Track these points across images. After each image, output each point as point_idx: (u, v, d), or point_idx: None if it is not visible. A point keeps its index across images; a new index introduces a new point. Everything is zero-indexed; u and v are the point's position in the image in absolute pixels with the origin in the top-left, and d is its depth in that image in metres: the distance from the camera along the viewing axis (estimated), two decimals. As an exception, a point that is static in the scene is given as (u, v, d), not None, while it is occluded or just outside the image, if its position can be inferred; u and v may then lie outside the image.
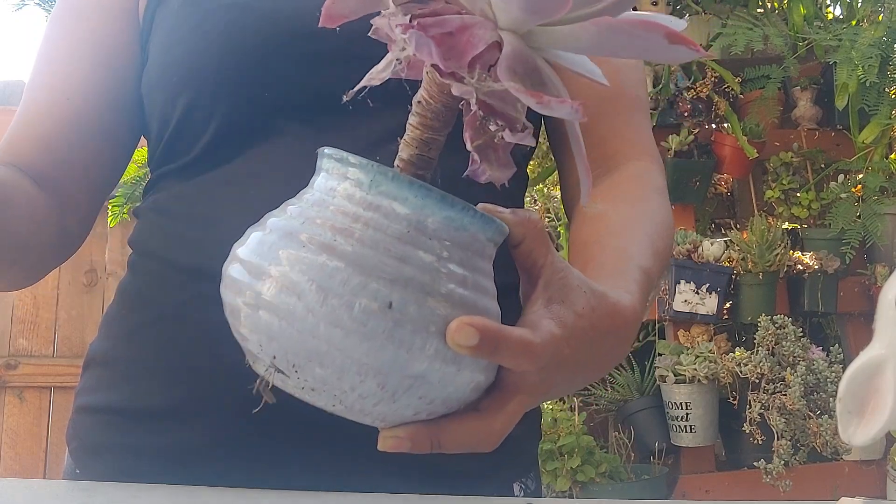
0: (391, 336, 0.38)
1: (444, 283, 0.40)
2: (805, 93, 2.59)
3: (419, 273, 0.40)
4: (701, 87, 2.47)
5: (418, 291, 0.39)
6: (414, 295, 0.39)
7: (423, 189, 0.41)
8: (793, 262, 2.39)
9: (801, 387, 2.08)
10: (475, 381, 0.42)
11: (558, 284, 0.46)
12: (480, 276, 0.43)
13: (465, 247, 0.42)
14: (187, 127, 0.71)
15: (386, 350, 0.38)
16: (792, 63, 2.32)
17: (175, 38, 0.72)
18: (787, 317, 2.25)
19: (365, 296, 0.38)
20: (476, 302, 0.41)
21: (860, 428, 0.44)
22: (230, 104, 0.69)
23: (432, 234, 0.41)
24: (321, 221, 0.41)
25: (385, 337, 0.38)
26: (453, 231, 0.41)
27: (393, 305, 0.38)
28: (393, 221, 0.40)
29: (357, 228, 0.40)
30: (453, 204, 0.41)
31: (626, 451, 2.43)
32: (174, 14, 0.73)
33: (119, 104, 0.75)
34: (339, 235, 0.40)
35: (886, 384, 0.42)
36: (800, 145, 2.56)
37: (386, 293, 0.38)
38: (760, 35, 2.26)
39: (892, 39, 2.22)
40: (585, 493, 2.18)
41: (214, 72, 0.69)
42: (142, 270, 0.74)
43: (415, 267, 0.40)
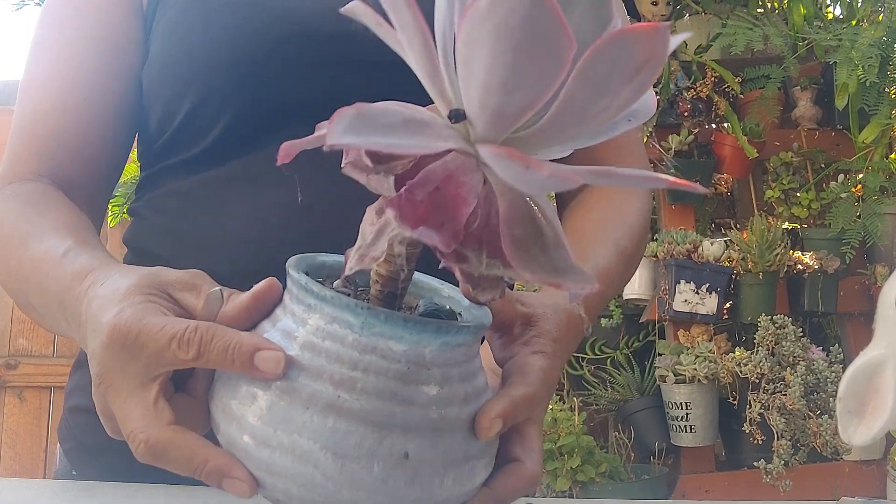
0: (412, 483, 0.39)
1: (452, 409, 0.40)
2: (805, 93, 2.59)
3: (427, 411, 0.40)
4: (701, 87, 2.47)
5: (430, 432, 0.39)
6: (427, 438, 0.39)
7: (419, 325, 0.40)
8: (793, 262, 2.39)
9: (801, 387, 2.08)
10: (483, 477, 0.43)
11: (531, 321, 0.51)
12: (476, 380, 0.43)
13: (462, 361, 0.42)
14: (193, 123, 0.70)
15: (409, 496, 0.39)
16: (792, 63, 2.32)
17: (182, 33, 0.71)
18: (787, 317, 2.25)
19: (381, 454, 0.38)
20: (478, 404, 0.42)
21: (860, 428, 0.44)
22: (240, 103, 0.69)
23: (431, 364, 0.40)
24: (317, 372, 0.39)
25: (407, 486, 0.39)
26: (450, 353, 0.41)
27: (409, 455, 0.39)
28: (392, 362, 0.39)
29: (358, 378, 0.39)
30: (448, 330, 0.41)
31: (626, 451, 2.43)
32: (180, 8, 0.72)
33: (128, 97, 0.74)
34: (342, 390, 0.39)
35: (886, 384, 0.42)
36: (800, 145, 2.56)
37: (401, 445, 0.39)
38: (760, 35, 2.25)
39: (892, 39, 2.22)
40: (585, 493, 2.18)
41: (226, 70, 0.68)
42: None
43: (421, 406, 0.40)
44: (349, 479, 0.38)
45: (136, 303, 0.44)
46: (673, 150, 2.41)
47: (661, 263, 2.33)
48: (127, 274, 0.48)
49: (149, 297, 0.45)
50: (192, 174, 0.71)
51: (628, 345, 2.56)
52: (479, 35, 0.32)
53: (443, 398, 0.40)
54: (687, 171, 2.43)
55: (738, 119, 2.46)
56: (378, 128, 0.34)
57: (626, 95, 0.34)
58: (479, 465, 0.42)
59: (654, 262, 2.38)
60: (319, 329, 0.41)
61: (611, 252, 0.69)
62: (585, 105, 0.34)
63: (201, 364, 0.41)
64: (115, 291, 0.46)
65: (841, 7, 2.62)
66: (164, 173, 0.74)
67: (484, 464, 0.43)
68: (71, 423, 0.73)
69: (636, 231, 0.75)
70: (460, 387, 0.41)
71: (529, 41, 0.31)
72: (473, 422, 0.42)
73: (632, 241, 0.73)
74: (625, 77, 0.33)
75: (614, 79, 0.33)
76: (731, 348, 2.32)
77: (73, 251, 0.55)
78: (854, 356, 0.45)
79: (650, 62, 0.33)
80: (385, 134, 0.34)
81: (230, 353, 0.40)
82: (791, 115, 2.64)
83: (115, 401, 0.44)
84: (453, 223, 0.36)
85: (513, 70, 0.32)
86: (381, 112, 0.34)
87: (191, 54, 0.70)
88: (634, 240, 0.74)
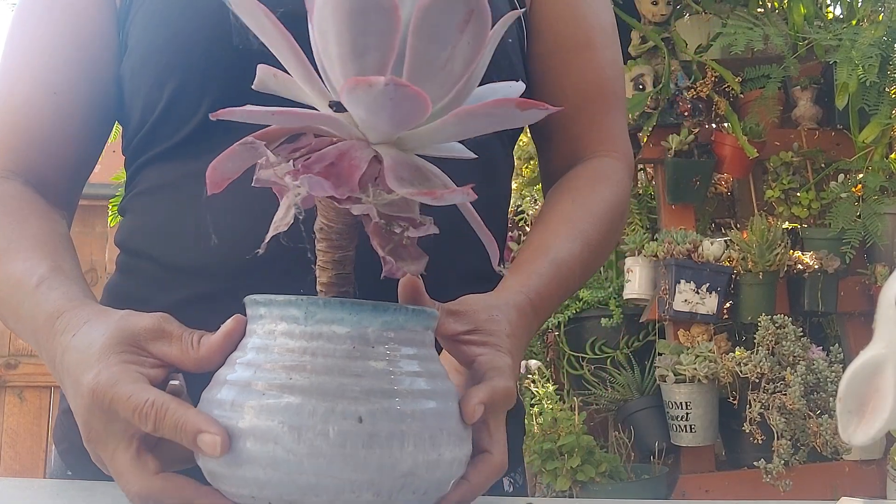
0: (370, 447, 0.41)
1: (402, 381, 0.43)
2: (805, 92, 2.59)
3: (377, 381, 0.43)
4: (701, 87, 2.47)
5: (382, 398, 0.42)
6: (379, 403, 0.42)
7: (356, 305, 0.44)
8: (793, 262, 2.39)
9: (801, 386, 2.08)
10: (458, 457, 0.45)
11: (480, 328, 0.55)
12: (430, 363, 0.46)
13: (408, 342, 0.45)
14: (174, 111, 0.70)
15: (370, 461, 0.41)
16: (792, 63, 2.32)
17: (159, 21, 0.71)
18: (787, 316, 2.25)
19: (335, 419, 0.41)
20: (435, 388, 0.45)
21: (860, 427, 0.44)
22: (219, 88, 0.68)
23: (375, 342, 0.44)
24: (271, 366, 0.43)
25: (366, 450, 0.41)
26: (393, 332, 0.44)
27: (363, 419, 0.41)
28: (337, 343, 0.43)
29: (307, 361, 0.43)
30: (385, 309, 0.44)
31: (626, 451, 2.43)
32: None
33: (98, 91, 0.74)
34: (293, 372, 0.42)
35: (886, 384, 0.42)
36: (800, 145, 2.56)
37: (353, 409, 0.41)
38: (760, 35, 2.25)
39: (892, 39, 2.22)
40: (585, 493, 2.18)
41: (204, 55, 0.68)
42: (131, 270, 0.73)
43: (371, 377, 0.43)
44: (308, 449, 0.41)
45: (112, 364, 0.48)
46: (673, 150, 2.41)
47: (661, 263, 2.33)
48: (98, 325, 0.51)
49: (122, 358, 0.48)
50: (178, 163, 0.70)
51: (628, 344, 2.56)
52: (324, 19, 0.39)
53: (392, 371, 0.43)
54: (687, 171, 2.43)
55: (738, 119, 2.46)
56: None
57: (464, 46, 0.40)
58: (446, 445, 0.44)
59: (654, 262, 2.38)
60: (270, 332, 0.45)
61: (575, 244, 0.70)
62: (430, 59, 0.40)
63: (158, 434, 0.46)
64: (90, 347, 0.49)
65: (841, 7, 2.62)
66: (149, 164, 0.73)
67: (452, 446, 0.45)
68: (65, 425, 0.72)
69: (604, 221, 0.75)
70: (411, 364, 0.44)
71: (361, 9, 0.38)
72: (437, 400, 0.45)
73: (600, 233, 0.74)
74: (456, 28, 0.39)
75: (447, 30, 0.39)
76: (731, 348, 2.32)
77: (47, 283, 0.58)
78: (854, 356, 0.45)
79: (475, 12, 0.39)
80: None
81: (178, 430, 0.44)
82: (791, 115, 2.63)
83: (104, 454, 0.49)
84: (349, 183, 0.41)
85: (358, 34, 0.39)
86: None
87: (169, 40, 0.69)
88: (603, 232, 0.74)
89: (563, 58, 0.81)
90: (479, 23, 0.39)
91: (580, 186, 0.78)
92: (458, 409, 0.46)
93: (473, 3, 0.38)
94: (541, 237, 0.72)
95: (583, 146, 0.81)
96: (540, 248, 0.70)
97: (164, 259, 0.69)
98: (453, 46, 0.40)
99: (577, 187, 0.78)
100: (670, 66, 2.42)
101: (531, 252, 0.70)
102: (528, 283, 0.64)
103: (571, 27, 0.82)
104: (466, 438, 0.47)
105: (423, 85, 0.39)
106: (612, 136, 0.82)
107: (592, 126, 0.81)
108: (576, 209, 0.74)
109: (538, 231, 0.73)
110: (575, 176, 0.79)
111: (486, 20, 0.40)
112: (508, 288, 0.64)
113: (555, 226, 0.73)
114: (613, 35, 0.85)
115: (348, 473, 0.41)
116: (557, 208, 0.76)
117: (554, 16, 0.81)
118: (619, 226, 0.80)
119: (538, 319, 0.65)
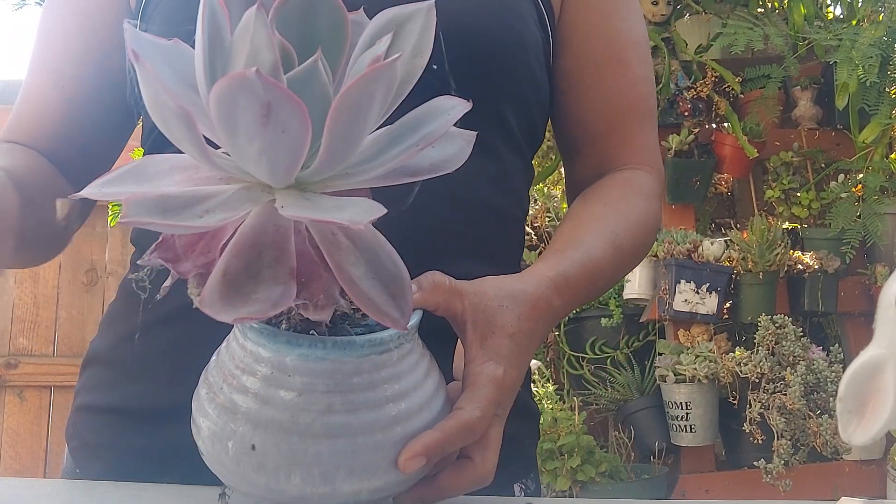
0: (259, 472, 0.44)
1: (306, 416, 0.44)
2: (805, 92, 2.59)
3: (279, 413, 0.44)
4: (701, 87, 2.47)
5: (277, 431, 0.44)
6: (272, 437, 0.44)
7: (274, 335, 0.45)
8: (793, 262, 2.39)
9: (801, 386, 2.08)
10: (367, 488, 0.45)
11: (482, 319, 0.53)
12: (356, 394, 0.45)
13: (329, 374, 0.44)
14: None
15: (258, 483, 0.44)
16: (792, 63, 2.32)
17: (180, 19, 0.70)
18: (787, 316, 2.25)
19: (235, 441, 0.44)
20: (346, 423, 0.44)
21: (860, 427, 0.44)
22: None
23: (292, 371, 0.44)
24: (217, 371, 0.47)
25: (255, 473, 0.44)
26: (312, 363, 0.44)
27: (256, 447, 0.44)
28: (260, 364, 0.45)
29: (237, 374, 0.45)
30: (301, 342, 0.44)
31: (626, 451, 2.43)
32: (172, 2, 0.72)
33: (107, 86, 0.76)
34: (225, 384, 0.46)
35: (886, 384, 0.42)
36: (800, 145, 2.56)
37: (250, 437, 0.44)
38: (761, 35, 2.25)
39: (892, 39, 2.22)
40: (585, 493, 2.18)
41: None
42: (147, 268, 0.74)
43: (275, 407, 0.44)
44: (217, 457, 0.45)
45: None
46: (673, 150, 2.41)
47: (662, 263, 2.33)
48: None
49: None
50: None
51: (628, 344, 2.56)
52: (231, 113, 0.37)
53: (299, 405, 0.44)
54: (687, 171, 2.43)
55: (739, 119, 2.46)
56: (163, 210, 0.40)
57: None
58: (338, 473, 0.44)
59: (654, 262, 2.37)
60: (230, 346, 0.48)
61: (606, 243, 0.69)
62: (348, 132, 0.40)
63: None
64: None
65: (841, 7, 2.62)
66: None
67: (350, 476, 0.44)
68: (77, 422, 0.73)
69: (638, 230, 0.74)
70: (324, 398, 0.44)
71: (272, 117, 0.37)
72: (344, 437, 0.44)
73: (630, 239, 0.72)
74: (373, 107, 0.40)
75: (368, 108, 0.40)
76: (731, 348, 2.32)
77: None
78: (854, 356, 0.45)
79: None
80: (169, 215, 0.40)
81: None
82: (791, 115, 2.63)
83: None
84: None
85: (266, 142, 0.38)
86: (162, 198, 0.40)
87: (188, 40, 0.69)
88: (634, 239, 0.73)
89: (595, 72, 0.80)
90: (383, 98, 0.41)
91: (612, 193, 0.77)
92: (385, 440, 0.45)
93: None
94: (572, 233, 0.70)
95: (615, 159, 0.81)
96: (571, 240, 0.68)
97: None
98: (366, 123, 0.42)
99: (609, 194, 0.77)
100: (670, 66, 2.42)
101: (562, 243, 0.68)
102: (556, 268, 0.62)
103: (605, 41, 0.81)
104: (386, 469, 0.46)
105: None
106: (644, 150, 0.82)
107: (625, 141, 0.81)
108: (608, 212, 0.73)
109: (568, 227, 0.71)
110: (607, 184, 0.78)
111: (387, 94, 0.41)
112: (534, 271, 0.62)
113: (587, 225, 0.71)
114: (646, 50, 0.85)
115: (243, 487, 0.45)
116: (589, 210, 0.74)
117: (586, 29, 0.80)
118: (650, 238, 0.78)
119: (564, 306, 0.62)
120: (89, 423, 0.71)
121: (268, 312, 0.41)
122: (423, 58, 0.45)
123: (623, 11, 0.83)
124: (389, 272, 0.45)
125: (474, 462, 0.50)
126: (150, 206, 0.39)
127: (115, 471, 0.66)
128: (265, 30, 0.39)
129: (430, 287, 0.51)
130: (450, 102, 0.45)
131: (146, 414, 0.67)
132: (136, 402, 0.68)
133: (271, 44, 0.39)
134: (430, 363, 0.50)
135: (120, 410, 0.69)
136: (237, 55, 0.40)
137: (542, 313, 0.58)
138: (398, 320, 0.44)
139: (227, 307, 0.40)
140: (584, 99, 0.81)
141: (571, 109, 0.82)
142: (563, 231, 0.71)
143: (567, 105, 0.81)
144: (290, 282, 0.42)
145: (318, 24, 0.44)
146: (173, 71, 0.43)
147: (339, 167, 0.42)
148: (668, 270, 2.31)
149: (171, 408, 0.66)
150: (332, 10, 0.44)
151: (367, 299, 0.43)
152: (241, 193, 0.42)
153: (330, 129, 0.39)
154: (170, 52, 0.44)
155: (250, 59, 0.39)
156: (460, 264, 0.63)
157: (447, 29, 0.51)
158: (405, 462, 0.45)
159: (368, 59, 0.42)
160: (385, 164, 0.43)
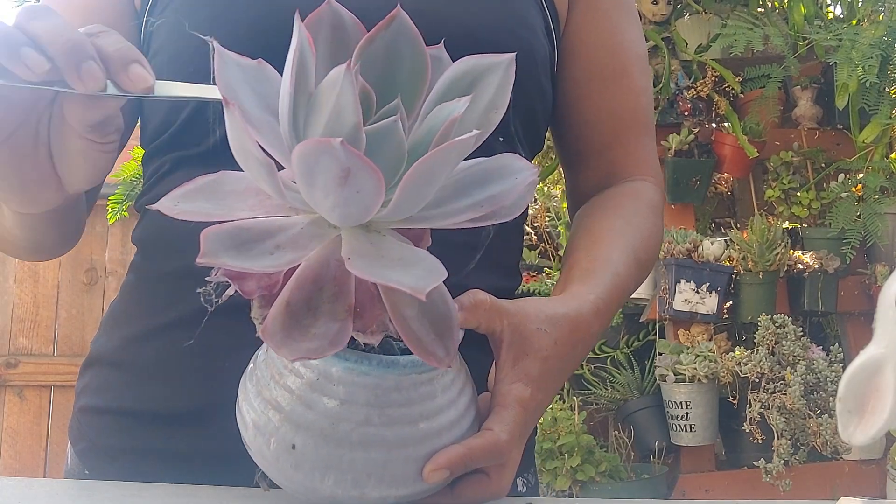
0: (296, 470, 0.46)
1: (344, 425, 0.46)
2: (805, 92, 2.59)
3: (320, 418, 0.46)
4: (701, 87, 2.47)
5: (317, 435, 0.45)
6: (313, 439, 0.45)
7: None
8: (793, 262, 2.39)
9: (801, 386, 2.08)
10: (392, 495, 0.47)
11: (518, 341, 0.54)
12: (393, 409, 0.47)
13: (371, 388, 0.46)
14: (203, 117, 0.69)
15: (294, 480, 0.46)
16: (792, 62, 2.32)
17: (188, 26, 0.71)
18: (787, 316, 2.25)
19: (277, 438, 0.46)
20: (383, 434, 0.46)
21: (860, 427, 0.44)
22: None
23: (337, 381, 0.46)
24: (266, 366, 0.48)
25: (293, 470, 0.46)
26: (356, 377, 0.46)
27: (296, 447, 0.45)
28: (306, 368, 0.47)
29: (283, 373, 0.47)
30: (348, 357, 0.46)
31: (625, 451, 2.43)
32: (184, 4, 0.71)
33: None
34: (272, 381, 0.47)
35: (886, 383, 0.42)
36: (800, 145, 2.56)
37: (291, 436, 0.46)
38: (761, 35, 2.25)
39: (892, 39, 2.22)
40: (585, 493, 2.18)
41: None
42: (151, 271, 0.73)
43: (317, 412, 0.46)
44: (259, 449, 0.47)
45: None
46: (673, 150, 2.41)
47: (662, 263, 2.33)
48: None
49: None
50: (209, 167, 0.71)
51: (628, 344, 2.57)
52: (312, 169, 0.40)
53: (340, 413, 0.46)
54: (687, 171, 2.43)
55: (739, 118, 2.46)
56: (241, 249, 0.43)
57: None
58: (369, 481, 0.46)
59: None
60: None
61: (629, 259, 0.71)
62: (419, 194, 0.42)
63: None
64: None
65: (841, 7, 2.62)
66: (176, 167, 0.73)
67: (380, 484, 0.46)
68: (82, 424, 0.72)
69: (651, 244, 0.77)
70: (363, 410, 0.46)
71: (351, 177, 0.39)
72: (375, 449, 0.46)
73: (646, 252, 0.75)
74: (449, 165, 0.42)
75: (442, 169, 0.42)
76: (731, 348, 2.32)
77: None
78: (854, 356, 0.45)
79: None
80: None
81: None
82: (791, 115, 2.64)
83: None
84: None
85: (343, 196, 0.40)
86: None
87: (199, 47, 0.69)
88: (649, 251, 0.76)
89: (600, 85, 0.82)
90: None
91: (627, 206, 0.79)
92: (415, 453, 0.47)
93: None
94: (595, 248, 0.71)
95: (618, 170, 0.83)
96: (598, 257, 0.69)
97: (189, 262, 0.69)
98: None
99: (624, 206, 0.79)
100: (670, 65, 2.42)
101: (589, 261, 0.69)
102: (594, 290, 0.63)
103: (609, 55, 0.83)
104: (414, 480, 0.47)
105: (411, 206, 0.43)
106: (646, 160, 0.85)
107: (628, 152, 0.83)
108: (626, 227, 0.75)
109: (588, 241, 0.73)
110: (618, 196, 0.80)
111: None
112: (575, 295, 0.63)
113: (609, 239, 0.73)
114: (647, 63, 0.88)
115: (280, 481, 0.48)
116: (608, 223, 0.76)
117: (592, 42, 0.83)
118: (658, 251, 0.81)
119: (601, 328, 0.64)
120: (98, 425, 0.71)
121: (326, 351, 0.43)
122: (497, 113, 0.46)
123: (626, 24, 0.85)
124: (439, 312, 0.47)
125: (491, 478, 0.51)
126: (226, 239, 0.42)
127: (131, 474, 0.65)
128: (351, 90, 0.40)
129: (470, 306, 0.52)
130: (518, 164, 0.47)
131: (163, 417, 0.67)
132: (151, 405, 0.68)
133: (356, 106, 0.41)
134: (466, 379, 0.51)
135: (133, 413, 0.68)
136: (322, 107, 0.42)
137: (581, 337, 0.59)
138: (443, 360, 0.45)
139: (287, 340, 0.42)
140: (590, 110, 0.83)
141: (576, 120, 0.83)
142: (582, 245, 0.73)
143: (572, 116, 0.83)
144: (347, 318, 0.44)
145: (400, 66, 0.46)
146: (255, 94, 0.46)
147: (406, 216, 0.44)
148: (668, 270, 2.31)
149: (189, 411, 0.66)
150: (415, 53, 0.46)
151: (416, 339, 0.45)
152: (309, 229, 0.44)
153: (403, 188, 0.41)
154: (253, 74, 0.46)
155: (333, 116, 0.41)
156: (460, 272, 0.63)
157: (463, 45, 0.51)
158: (429, 473, 0.47)
159: (446, 114, 0.43)
160: (449, 217, 0.44)
